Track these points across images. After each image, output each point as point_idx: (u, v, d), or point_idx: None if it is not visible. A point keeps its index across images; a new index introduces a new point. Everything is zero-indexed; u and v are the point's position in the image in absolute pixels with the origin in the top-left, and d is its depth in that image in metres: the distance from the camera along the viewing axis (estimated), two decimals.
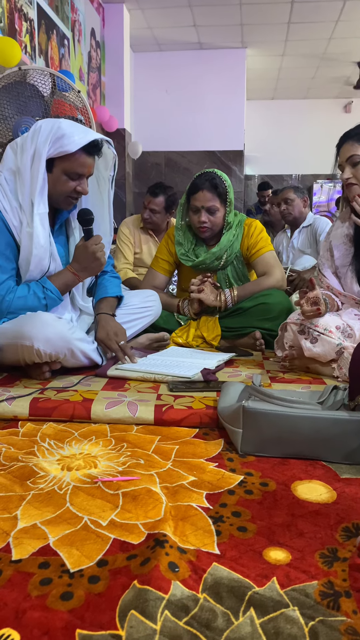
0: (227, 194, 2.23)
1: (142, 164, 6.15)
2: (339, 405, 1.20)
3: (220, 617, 0.64)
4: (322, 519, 0.87)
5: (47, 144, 1.58)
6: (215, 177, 2.22)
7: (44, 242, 1.63)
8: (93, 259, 1.69)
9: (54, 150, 1.59)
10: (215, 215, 2.23)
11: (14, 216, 1.61)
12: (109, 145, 1.76)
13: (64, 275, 1.69)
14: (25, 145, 1.62)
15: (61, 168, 1.63)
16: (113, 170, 1.82)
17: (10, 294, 1.60)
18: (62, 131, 1.59)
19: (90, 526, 0.84)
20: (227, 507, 0.90)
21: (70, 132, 1.60)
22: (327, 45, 5.97)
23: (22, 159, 1.61)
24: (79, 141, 1.60)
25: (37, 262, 1.63)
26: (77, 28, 4.52)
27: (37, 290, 1.63)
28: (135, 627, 0.61)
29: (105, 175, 1.83)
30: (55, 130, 1.59)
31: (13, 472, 1.03)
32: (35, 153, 1.60)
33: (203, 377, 1.53)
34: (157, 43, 5.97)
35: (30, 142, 1.61)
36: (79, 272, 1.70)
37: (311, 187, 7.85)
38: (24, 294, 1.62)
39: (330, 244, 1.90)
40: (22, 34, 3.43)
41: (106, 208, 1.86)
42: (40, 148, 1.58)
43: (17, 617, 0.63)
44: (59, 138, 1.58)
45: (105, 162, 1.81)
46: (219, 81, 6.12)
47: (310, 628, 0.62)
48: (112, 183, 1.84)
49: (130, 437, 1.22)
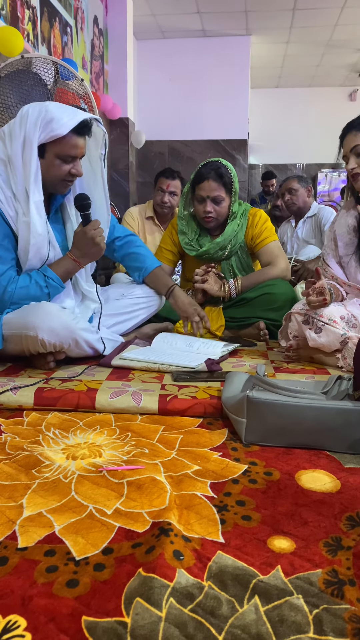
0: (232, 184, 2.22)
1: (146, 153, 6.12)
2: (343, 395, 1.20)
3: (225, 604, 0.64)
4: (326, 508, 0.87)
5: (36, 129, 1.55)
6: (220, 166, 2.20)
7: (42, 230, 1.62)
8: (92, 245, 1.68)
9: (45, 135, 1.56)
10: (221, 205, 2.22)
11: (9, 206, 1.60)
12: (98, 124, 1.73)
13: (65, 263, 1.69)
14: (14, 132, 1.58)
15: (53, 152, 1.60)
16: (104, 148, 1.79)
17: (12, 285, 1.60)
18: (50, 114, 1.55)
19: (96, 514, 0.84)
20: (232, 496, 0.90)
21: (59, 114, 1.56)
22: (333, 32, 5.90)
23: (12, 147, 1.58)
24: (68, 123, 1.57)
25: (35, 250, 1.62)
26: (79, 16, 4.48)
27: (39, 279, 1.63)
28: (140, 614, 0.62)
29: (97, 154, 1.80)
30: (44, 114, 1.55)
31: (18, 461, 1.04)
32: (25, 140, 1.56)
33: (207, 367, 1.53)
34: (160, 30, 5.92)
35: (19, 128, 1.57)
36: (79, 259, 1.70)
37: (315, 176, 7.80)
38: (26, 283, 1.61)
39: (334, 234, 1.89)
40: (24, 21, 3.40)
41: (101, 187, 1.83)
42: (30, 134, 1.55)
43: (24, 604, 0.64)
44: (48, 122, 1.55)
45: (95, 142, 1.78)
46: (223, 69, 6.07)
47: (315, 616, 0.62)
48: (104, 161, 1.82)
49: (134, 426, 1.23)
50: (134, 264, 2.01)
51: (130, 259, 2.01)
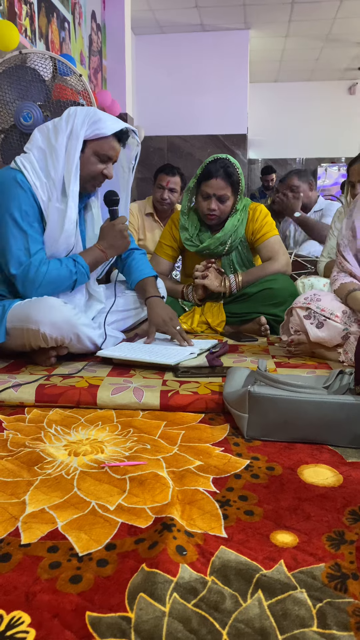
0: (239, 183, 2.21)
1: (145, 148, 6.09)
2: (345, 389, 1.20)
3: (228, 599, 0.64)
4: (329, 502, 0.87)
5: (84, 125, 1.66)
6: (229, 165, 2.19)
7: (75, 219, 1.68)
8: (120, 237, 1.77)
9: (91, 132, 1.67)
10: (225, 204, 2.21)
11: (42, 191, 1.65)
12: (134, 135, 1.85)
13: (93, 252, 1.75)
14: (60, 126, 1.67)
15: (92, 149, 1.69)
16: (135, 160, 1.91)
17: (44, 266, 1.62)
18: (98, 116, 1.68)
19: (98, 510, 0.84)
20: (234, 491, 0.90)
21: (105, 117, 1.70)
22: (332, 26, 5.87)
23: (57, 139, 1.66)
24: (112, 126, 1.69)
25: (65, 238, 1.67)
26: (77, 11, 4.45)
27: (69, 265, 1.67)
28: (144, 609, 0.62)
29: (126, 165, 1.92)
30: (92, 114, 1.68)
31: (20, 457, 1.04)
32: (72, 133, 1.66)
33: (208, 362, 1.53)
34: (158, 25, 5.89)
35: (66, 124, 1.67)
36: (106, 250, 1.76)
37: (315, 170, 7.77)
38: (57, 266, 1.65)
39: (353, 223, 1.77)
40: (22, 17, 3.38)
41: (123, 197, 1.92)
42: (77, 129, 1.66)
43: (28, 600, 0.64)
44: (95, 121, 1.67)
45: (127, 153, 1.89)
46: (222, 63, 6.04)
47: (318, 610, 0.63)
48: (132, 172, 1.93)
49: (136, 422, 1.23)
50: (126, 277, 2.01)
51: (124, 272, 2.00)
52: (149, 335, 1.79)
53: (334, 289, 1.77)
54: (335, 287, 1.77)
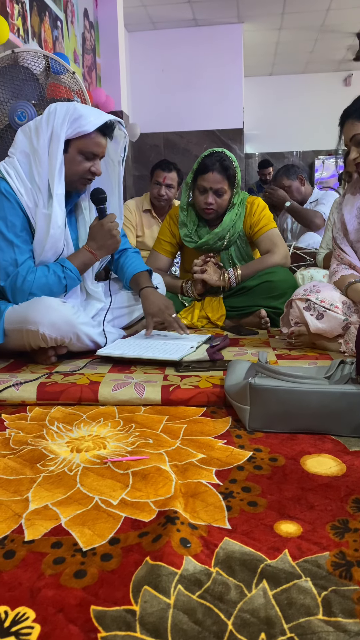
0: (235, 177, 2.21)
1: (141, 146, 6.08)
2: (346, 379, 1.19)
3: (233, 589, 0.64)
4: (332, 491, 0.87)
5: (64, 124, 1.61)
6: (225, 158, 2.18)
7: (61, 223, 1.64)
8: (109, 237, 1.72)
9: (72, 131, 1.62)
10: (222, 197, 2.21)
11: (28, 198, 1.62)
12: (120, 126, 1.78)
13: (82, 255, 1.71)
14: (41, 127, 1.63)
15: (77, 148, 1.65)
16: (124, 152, 1.85)
17: (31, 274, 1.61)
18: (78, 112, 1.62)
19: (101, 506, 0.84)
20: (237, 483, 0.90)
21: (87, 113, 1.63)
22: (326, 17, 5.84)
23: (39, 141, 1.62)
24: (95, 121, 1.63)
25: (52, 243, 1.64)
26: (69, 9, 4.44)
27: (57, 270, 1.64)
28: (149, 601, 0.62)
29: (115, 158, 1.85)
30: (72, 111, 1.62)
31: (23, 455, 1.04)
32: (52, 134, 1.62)
33: (209, 356, 1.53)
34: (151, 21, 5.86)
35: (46, 124, 1.62)
36: (96, 251, 1.72)
37: (312, 163, 7.75)
38: (45, 273, 1.63)
39: (342, 218, 1.83)
40: (14, 17, 3.37)
41: (115, 191, 1.88)
42: (57, 129, 1.61)
43: (32, 595, 0.64)
44: (76, 119, 1.61)
45: (115, 146, 1.83)
46: (216, 58, 6.01)
47: (323, 598, 0.62)
48: (122, 165, 1.86)
49: (138, 417, 1.22)
50: (119, 276, 1.99)
51: (118, 271, 1.99)
52: (148, 327, 1.77)
53: (334, 281, 1.77)
54: (335, 279, 1.76)
